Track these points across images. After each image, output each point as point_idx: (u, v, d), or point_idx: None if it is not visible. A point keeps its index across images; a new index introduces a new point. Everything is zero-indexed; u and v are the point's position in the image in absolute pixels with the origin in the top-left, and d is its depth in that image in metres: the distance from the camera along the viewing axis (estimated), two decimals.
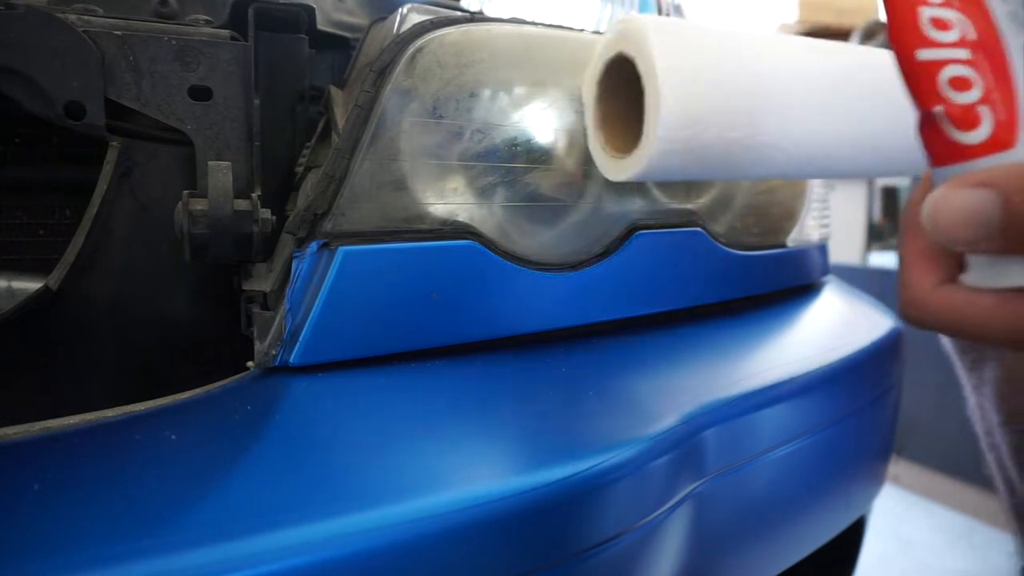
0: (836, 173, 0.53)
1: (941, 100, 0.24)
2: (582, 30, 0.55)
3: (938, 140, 0.24)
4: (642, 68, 0.44)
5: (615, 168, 0.48)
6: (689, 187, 0.58)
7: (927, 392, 1.78)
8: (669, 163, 0.45)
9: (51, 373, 0.47)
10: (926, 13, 0.24)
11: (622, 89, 0.48)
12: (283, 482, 0.31)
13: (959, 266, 0.27)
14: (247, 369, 0.44)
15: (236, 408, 0.39)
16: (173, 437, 0.35)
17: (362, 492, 0.31)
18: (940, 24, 0.24)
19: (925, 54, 0.24)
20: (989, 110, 0.24)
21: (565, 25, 0.54)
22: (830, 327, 0.65)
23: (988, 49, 0.24)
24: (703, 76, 0.44)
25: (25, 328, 0.45)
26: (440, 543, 0.30)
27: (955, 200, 0.23)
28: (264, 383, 0.41)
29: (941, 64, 0.24)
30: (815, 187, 0.71)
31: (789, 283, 0.69)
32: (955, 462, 1.76)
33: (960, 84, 0.24)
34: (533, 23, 0.52)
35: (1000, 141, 0.24)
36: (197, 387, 0.40)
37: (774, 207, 0.65)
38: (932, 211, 0.24)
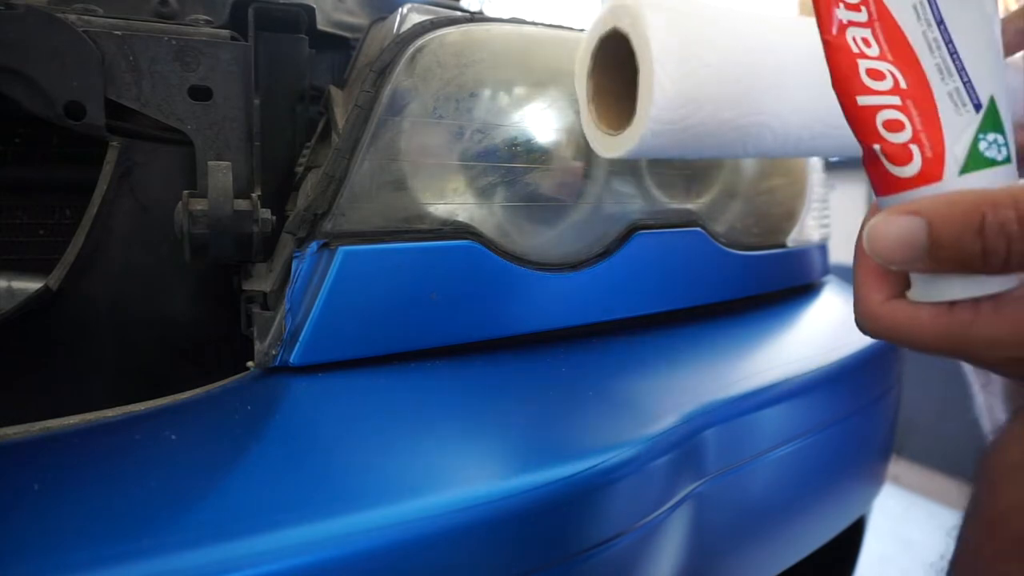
0: (824, 151, 0.53)
1: (879, 139, 0.27)
2: (582, 30, 0.55)
3: (878, 173, 0.28)
4: (636, 45, 0.43)
5: (607, 144, 0.47)
6: (689, 187, 0.58)
7: (927, 392, 1.78)
8: (661, 142, 0.44)
9: (51, 373, 0.47)
10: (864, 65, 0.27)
11: (616, 64, 0.47)
12: (283, 482, 0.31)
13: (904, 284, 0.30)
14: (247, 369, 0.44)
15: (236, 408, 0.39)
16: (173, 437, 0.35)
17: (362, 492, 0.31)
18: (876, 75, 0.27)
19: (864, 100, 0.27)
20: (918, 148, 0.27)
21: (565, 25, 0.54)
22: (830, 327, 0.65)
23: (918, 96, 0.27)
24: (698, 56, 0.43)
25: (25, 328, 0.45)
26: (440, 543, 0.30)
27: (889, 227, 0.26)
28: (264, 383, 0.41)
29: (877, 109, 0.27)
30: (815, 187, 0.71)
31: (789, 283, 0.69)
32: (955, 462, 1.76)
33: (894, 126, 0.27)
34: (533, 23, 0.52)
35: (929, 175, 0.27)
36: (197, 387, 0.40)
37: (774, 207, 0.65)
38: (870, 236, 0.27)
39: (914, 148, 0.27)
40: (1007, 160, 0.27)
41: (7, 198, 0.50)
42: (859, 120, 0.27)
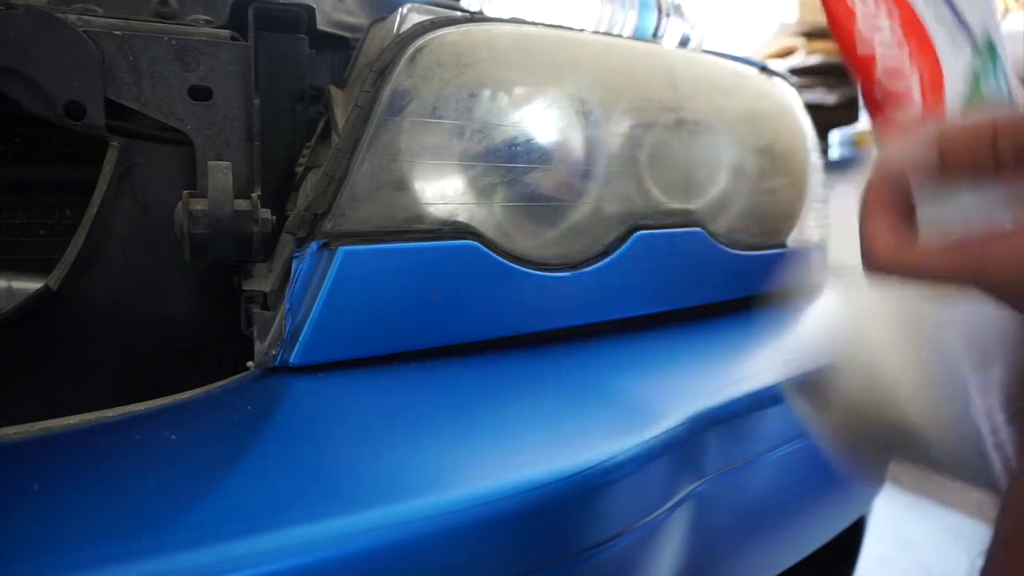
0: None
1: (879, 80, 0.29)
2: (582, 30, 0.55)
3: (879, 106, 0.30)
4: None
5: None
6: (689, 187, 0.58)
7: None
8: None
9: (51, 373, 0.47)
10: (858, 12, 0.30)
11: None
12: (283, 482, 0.31)
13: (910, 224, 0.31)
14: (247, 369, 0.44)
15: (236, 408, 0.39)
16: (173, 437, 0.35)
17: (362, 492, 0.31)
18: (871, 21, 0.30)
19: (862, 50, 0.30)
20: (916, 80, 0.29)
21: (565, 25, 0.54)
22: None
23: (918, 40, 0.29)
24: None
25: (25, 328, 0.45)
26: (440, 543, 0.30)
27: (904, 139, 0.28)
28: (264, 383, 0.41)
29: (874, 52, 0.29)
30: (815, 187, 0.71)
31: (789, 283, 0.69)
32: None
33: (894, 72, 0.29)
34: (533, 23, 0.52)
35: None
36: (197, 387, 0.40)
37: (774, 207, 0.65)
38: (885, 152, 0.28)
39: (915, 85, 0.29)
40: (1008, 97, 0.29)
41: (7, 198, 0.50)
42: (865, 67, 0.30)
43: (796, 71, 2.12)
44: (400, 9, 0.50)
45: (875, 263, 0.31)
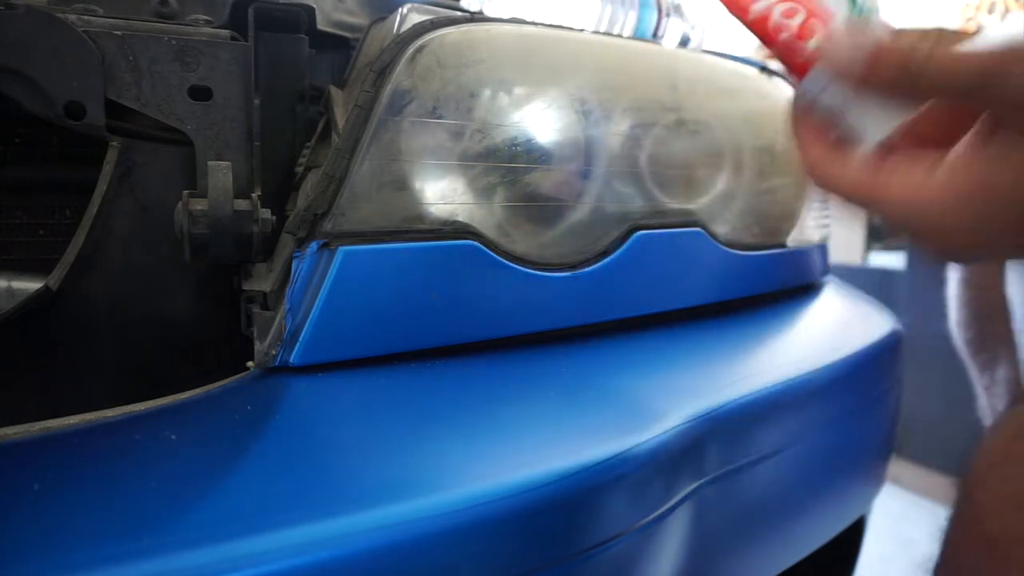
0: None
1: (782, 29, 0.34)
2: (582, 30, 0.55)
3: (794, 59, 0.34)
4: None
5: None
6: (689, 187, 0.58)
7: (927, 392, 1.78)
8: None
9: (51, 373, 0.47)
10: None
11: None
12: (283, 482, 0.31)
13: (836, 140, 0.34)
14: (247, 369, 0.44)
15: (236, 408, 0.39)
16: (173, 437, 0.35)
17: (362, 492, 0.31)
18: None
19: (755, 8, 0.34)
20: (815, 22, 0.33)
21: (565, 25, 0.54)
22: (830, 327, 0.65)
23: None
24: None
25: (25, 328, 0.45)
26: (440, 543, 0.30)
27: (845, 32, 0.32)
28: (264, 383, 0.41)
29: (769, 9, 0.34)
30: (815, 187, 0.71)
31: (789, 283, 0.69)
32: (955, 462, 1.76)
33: (789, 13, 0.34)
34: (533, 23, 0.52)
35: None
36: (197, 387, 0.40)
37: (774, 207, 0.65)
38: (830, 42, 0.32)
39: (813, 23, 0.33)
40: (875, 8, 0.34)
41: (7, 198, 0.50)
42: (761, 24, 0.34)
43: None
44: (400, 9, 0.50)
45: (809, 175, 0.35)
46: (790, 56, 0.34)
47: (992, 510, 0.33)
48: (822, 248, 0.76)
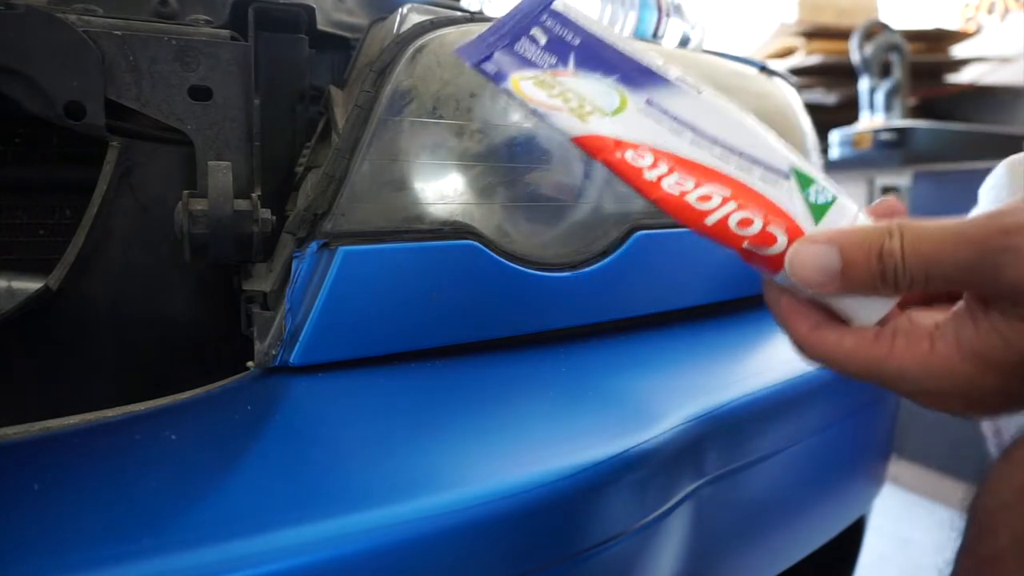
0: None
1: (743, 239, 0.32)
2: None
3: (762, 261, 0.32)
4: None
5: None
6: None
7: None
8: None
9: (51, 373, 0.47)
10: (691, 198, 0.33)
11: None
12: (283, 482, 0.31)
13: (821, 315, 0.33)
14: (247, 369, 0.44)
15: (236, 408, 0.39)
16: (173, 437, 0.35)
17: (362, 492, 0.31)
18: (705, 199, 0.33)
19: (711, 219, 0.33)
20: (774, 227, 0.32)
21: None
22: None
23: (743, 193, 0.33)
24: None
25: (25, 328, 0.45)
26: (440, 543, 0.30)
27: (808, 252, 0.30)
28: (264, 383, 0.41)
29: (725, 219, 0.32)
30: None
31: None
32: (955, 462, 1.75)
33: (745, 223, 0.32)
34: None
35: (796, 239, 0.32)
36: (197, 387, 0.40)
37: None
38: (792, 262, 0.31)
39: (771, 229, 0.32)
40: (836, 197, 0.32)
41: (7, 198, 0.50)
42: (720, 234, 0.33)
43: (796, 71, 2.12)
44: (400, 9, 0.50)
45: (798, 350, 0.34)
46: (758, 260, 0.33)
47: (1009, 553, 0.32)
48: None
